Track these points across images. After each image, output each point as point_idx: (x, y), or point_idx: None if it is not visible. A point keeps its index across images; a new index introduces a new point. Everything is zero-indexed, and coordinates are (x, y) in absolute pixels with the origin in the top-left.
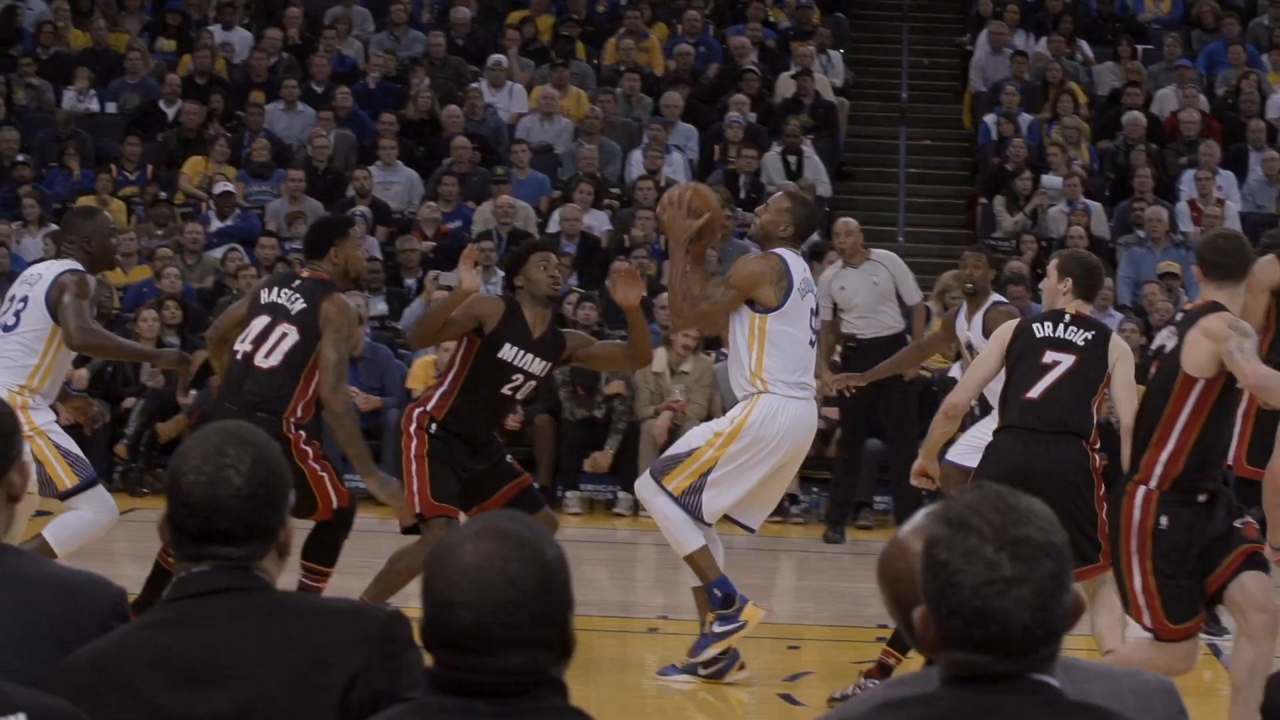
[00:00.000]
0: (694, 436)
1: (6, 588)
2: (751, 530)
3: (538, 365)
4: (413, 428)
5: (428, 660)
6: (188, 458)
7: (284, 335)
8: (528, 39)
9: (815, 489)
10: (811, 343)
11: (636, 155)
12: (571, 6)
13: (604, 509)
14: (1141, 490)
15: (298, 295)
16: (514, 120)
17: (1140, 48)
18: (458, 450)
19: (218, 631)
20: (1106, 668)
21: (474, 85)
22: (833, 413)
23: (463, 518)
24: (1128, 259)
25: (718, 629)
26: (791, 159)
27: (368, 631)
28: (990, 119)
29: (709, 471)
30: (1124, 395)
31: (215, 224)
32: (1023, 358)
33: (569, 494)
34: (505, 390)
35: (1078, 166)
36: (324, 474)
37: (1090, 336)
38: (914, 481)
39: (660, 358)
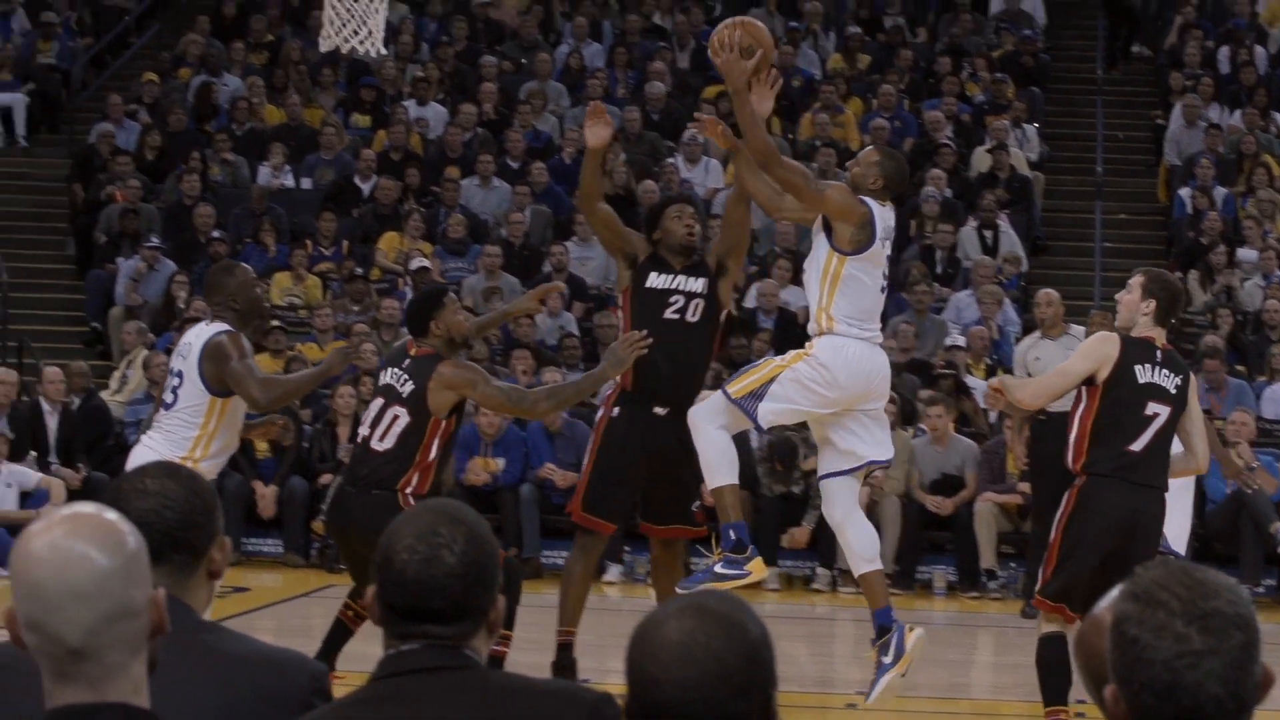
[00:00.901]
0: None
1: (209, 664)
2: (882, 462)
3: (694, 283)
4: (598, 415)
5: None
6: (400, 536)
7: (395, 418)
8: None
9: (1012, 564)
10: (883, 289)
11: None
12: None
13: (802, 584)
14: None
15: (407, 376)
16: (709, 195)
17: None
18: (640, 424)
19: (426, 710)
20: None
21: (669, 160)
22: (1025, 488)
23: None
24: None
25: (719, 569)
26: (987, 233)
27: (576, 713)
28: (1185, 192)
29: (772, 381)
30: (1198, 430)
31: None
32: (1123, 403)
33: (767, 570)
34: (669, 314)
35: (1273, 240)
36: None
37: (1179, 383)
38: (986, 400)
39: None
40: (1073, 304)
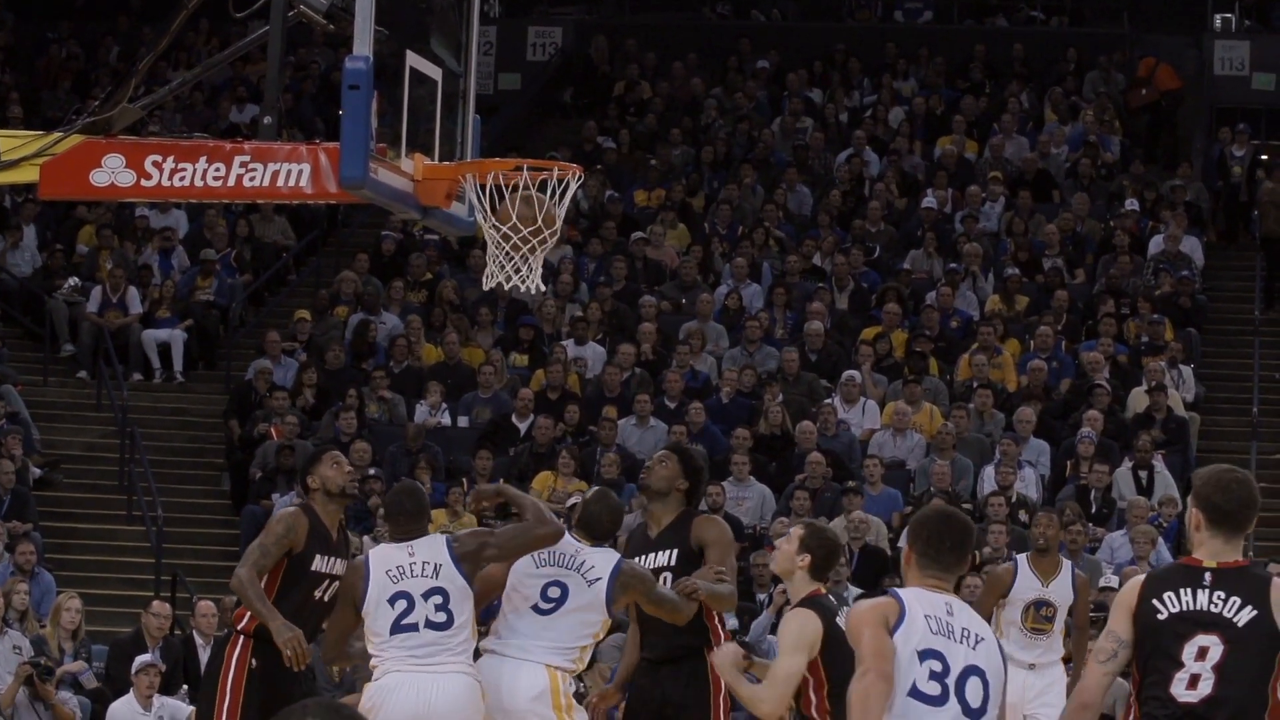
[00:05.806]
0: None
1: None
2: None
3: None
4: None
5: None
6: None
7: None
8: (881, 355)
9: None
10: (538, 610)
11: (989, 471)
12: (925, 322)
13: None
14: None
15: None
16: (866, 436)
17: None
18: None
19: None
20: None
21: (827, 401)
22: None
23: None
24: None
25: None
26: (1142, 474)
27: None
28: None
29: None
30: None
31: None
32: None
33: None
34: None
35: None
36: (227, 693)
37: None
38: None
39: None
40: None
